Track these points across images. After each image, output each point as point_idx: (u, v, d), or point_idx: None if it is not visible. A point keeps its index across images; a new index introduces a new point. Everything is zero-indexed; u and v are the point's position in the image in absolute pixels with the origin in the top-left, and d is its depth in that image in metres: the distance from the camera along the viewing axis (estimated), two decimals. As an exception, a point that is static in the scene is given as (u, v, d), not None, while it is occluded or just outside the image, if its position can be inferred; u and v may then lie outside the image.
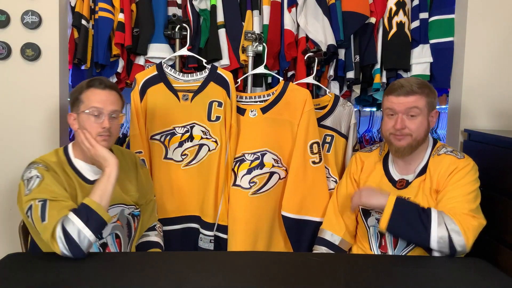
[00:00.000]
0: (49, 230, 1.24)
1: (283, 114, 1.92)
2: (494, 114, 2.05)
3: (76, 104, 1.44)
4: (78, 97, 1.44)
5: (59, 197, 1.31)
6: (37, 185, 1.32)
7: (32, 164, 1.39)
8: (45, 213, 1.27)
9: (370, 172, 1.69)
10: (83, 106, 1.42)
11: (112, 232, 1.47)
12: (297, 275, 1.25)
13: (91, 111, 1.41)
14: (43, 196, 1.29)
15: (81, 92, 1.44)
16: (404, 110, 1.55)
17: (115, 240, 1.48)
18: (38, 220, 1.27)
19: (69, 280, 1.16)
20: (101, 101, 1.42)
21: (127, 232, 1.52)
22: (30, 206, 1.30)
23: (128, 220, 1.53)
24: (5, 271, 1.21)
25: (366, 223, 1.65)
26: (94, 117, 1.41)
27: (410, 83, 1.55)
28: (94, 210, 1.28)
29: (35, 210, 1.28)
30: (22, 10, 1.89)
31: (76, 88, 1.47)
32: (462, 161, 1.52)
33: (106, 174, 1.36)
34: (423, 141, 1.58)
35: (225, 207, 1.87)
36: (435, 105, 1.60)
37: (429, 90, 1.57)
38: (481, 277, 1.27)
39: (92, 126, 1.41)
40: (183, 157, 1.88)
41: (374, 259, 1.46)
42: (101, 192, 1.32)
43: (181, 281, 1.16)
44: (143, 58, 2.07)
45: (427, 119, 1.56)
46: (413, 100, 1.54)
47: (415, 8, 2.12)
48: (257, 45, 2.01)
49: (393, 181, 1.62)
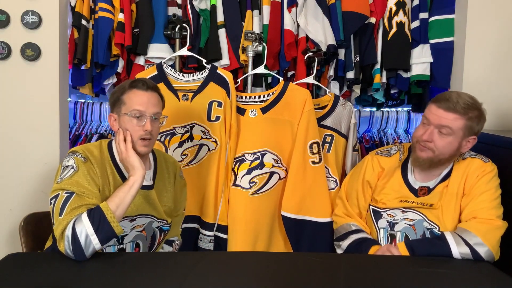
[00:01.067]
0: (61, 225, 1.24)
1: (283, 114, 1.92)
2: (494, 114, 2.05)
3: (117, 105, 1.41)
4: (119, 97, 1.40)
5: (87, 193, 1.29)
6: (69, 176, 1.30)
7: (73, 153, 1.36)
8: (65, 207, 1.26)
9: (389, 179, 1.65)
10: (125, 108, 1.39)
11: (133, 240, 1.44)
12: (297, 275, 1.24)
13: (134, 114, 1.38)
14: (72, 189, 1.28)
15: (123, 92, 1.40)
16: (437, 124, 1.49)
17: (134, 249, 1.45)
18: (57, 212, 1.26)
19: (69, 280, 1.16)
20: (143, 103, 1.39)
21: (149, 244, 1.49)
22: (57, 195, 1.29)
23: (154, 233, 1.49)
24: (5, 271, 1.20)
25: (376, 224, 1.63)
26: (136, 119, 1.38)
27: (458, 99, 1.47)
28: (107, 220, 1.25)
29: (59, 200, 1.28)
30: (22, 10, 1.89)
31: (117, 88, 1.44)
32: (489, 165, 1.53)
33: (129, 183, 1.33)
34: (447, 161, 1.53)
35: (225, 207, 1.87)
36: (477, 131, 1.50)
37: (475, 114, 1.47)
38: (484, 279, 1.27)
39: (134, 128, 1.38)
40: (183, 157, 1.88)
41: (374, 259, 1.46)
42: (119, 200, 1.30)
43: (181, 281, 1.16)
44: (143, 58, 2.07)
45: (459, 142, 1.49)
46: (450, 118, 1.46)
47: (415, 8, 2.12)
48: (257, 45, 2.01)
49: (413, 190, 1.59)
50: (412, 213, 1.57)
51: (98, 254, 1.31)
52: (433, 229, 1.53)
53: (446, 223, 1.52)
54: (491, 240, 1.40)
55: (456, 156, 1.54)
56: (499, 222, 1.44)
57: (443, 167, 1.57)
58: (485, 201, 1.47)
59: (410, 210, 1.57)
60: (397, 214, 1.59)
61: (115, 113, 1.42)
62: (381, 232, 1.61)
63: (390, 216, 1.59)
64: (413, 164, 1.59)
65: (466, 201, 1.51)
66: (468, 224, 1.46)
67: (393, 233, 1.58)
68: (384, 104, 2.42)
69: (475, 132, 1.51)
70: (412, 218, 1.56)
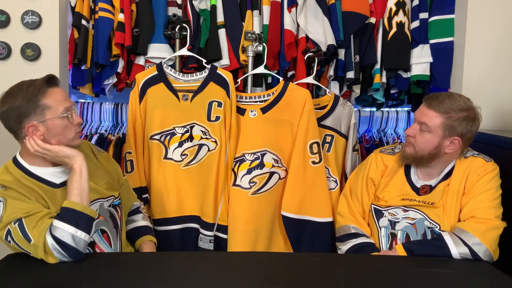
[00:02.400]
0: (40, 247, 1.20)
1: (283, 114, 1.91)
2: (494, 114, 2.05)
3: (38, 112, 1.28)
4: (38, 104, 1.28)
5: (31, 210, 1.24)
6: (3, 209, 1.23)
7: None
8: (27, 233, 1.21)
9: (392, 177, 1.66)
10: (52, 111, 1.30)
11: (97, 228, 1.40)
12: (297, 275, 1.24)
13: (66, 113, 1.32)
14: (16, 216, 1.22)
15: (41, 96, 1.29)
16: (418, 121, 1.54)
17: (102, 236, 1.43)
18: (25, 243, 1.22)
19: (69, 280, 1.16)
20: (67, 99, 1.35)
21: (113, 224, 1.47)
22: (8, 231, 1.22)
23: (111, 212, 1.47)
24: (5, 271, 1.21)
25: (377, 223, 1.63)
26: (68, 118, 1.33)
27: (445, 99, 1.50)
28: (80, 211, 1.25)
29: (15, 233, 1.22)
30: (22, 10, 1.89)
31: (24, 96, 1.28)
32: (490, 164, 1.54)
33: (77, 171, 1.30)
34: (430, 159, 1.54)
35: (225, 207, 1.87)
36: (461, 133, 1.49)
37: (460, 115, 1.48)
38: (484, 279, 1.27)
39: (68, 127, 1.34)
40: (183, 157, 1.88)
41: (374, 259, 1.46)
42: (78, 191, 1.28)
43: (181, 281, 1.16)
44: (143, 58, 2.07)
45: (438, 140, 1.51)
46: (428, 116, 1.51)
47: (415, 8, 2.12)
48: (257, 45, 2.01)
49: (415, 188, 1.61)
50: (414, 212, 1.57)
51: (98, 254, 1.31)
52: (434, 228, 1.53)
53: (446, 221, 1.52)
54: (489, 240, 1.40)
55: (439, 156, 1.54)
56: (497, 222, 1.45)
57: (446, 163, 1.57)
58: (484, 200, 1.47)
59: (411, 208, 1.58)
60: (398, 213, 1.59)
61: (35, 121, 1.28)
62: (382, 231, 1.62)
63: (391, 215, 1.60)
64: (401, 159, 1.63)
65: (466, 200, 1.51)
66: (466, 224, 1.46)
67: (394, 232, 1.58)
68: (384, 104, 2.41)
69: (459, 134, 1.50)
70: (413, 217, 1.56)
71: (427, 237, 1.53)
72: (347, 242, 1.65)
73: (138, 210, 1.67)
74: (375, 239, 1.63)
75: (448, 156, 1.55)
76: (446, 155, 1.55)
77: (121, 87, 2.19)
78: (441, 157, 1.55)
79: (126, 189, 1.64)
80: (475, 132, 1.53)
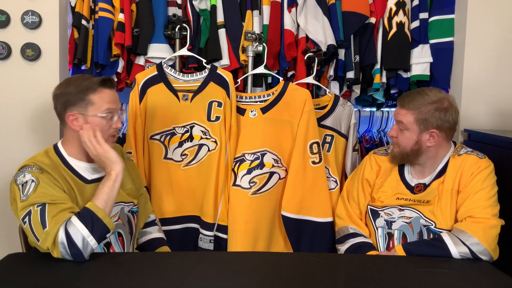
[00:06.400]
0: (51, 236, 1.21)
1: (283, 114, 1.92)
2: (494, 114, 2.05)
3: (82, 105, 1.36)
4: (84, 97, 1.36)
5: (58, 199, 1.27)
6: (33, 189, 1.26)
7: (25, 168, 1.32)
8: (45, 219, 1.23)
9: (386, 177, 1.68)
10: (94, 108, 1.36)
11: (115, 231, 1.44)
12: (297, 275, 1.25)
13: (107, 114, 1.38)
14: (42, 200, 1.25)
15: (90, 92, 1.36)
16: (396, 120, 1.60)
17: (118, 239, 1.46)
18: (39, 228, 1.23)
19: (70, 280, 1.16)
20: (113, 102, 1.40)
21: (129, 230, 1.50)
22: (29, 212, 1.25)
23: (129, 218, 1.50)
24: (5, 271, 1.21)
25: (374, 224, 1.64)
26: (106, 119, 1.38)
27: (415, 96, 1.54)
28: (100, 218, 1.26)
29: (35, 216, 1.24)
30: (22, 10, 1.89)
31: (77, 86, 1.36)
32: (484, 161, 1.53)
33: (112, 178, 1.33)
34: (417, 153, 1.56)
35: (225, 207, 1.87)
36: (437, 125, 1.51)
37: (430, 107, 1.50)
38: (484, 279, 1.27)
39: (105, 128, 1.38)
40: (183, 157, 1.88)
41: (374, 259, 1.46)
42: (106, 197, 1.30)
43: (181, 281, 1.16)
44: (143, 58, 2.07)
45: (417, 136, 1.54)
46: (402, 114, 1.56)
47: (415, 8, 2.11)
48: (257, 45, 2.01)
49: (410, 187, 1.62)
50: (409, 211, 1.58)
51: (98, 254, 1.31)
52: (430, 226, 1.53)
53: (442, 219, 1.52)
54: (488, 239, 1.40)
55: (423, 151, 1.56)
56: (495, 221, 1.44)
57: (438, 160, 1.58)
58: (480, 199, 1.47)
59: (407, 208, 1.58)
60: (394, 213, 1.60)
61: (77, 112, 1.36)
62: (379, 232, 1.62)
63: (387, 214, 1.60)
64: (392, 159, 1.66)
65: (462, 199, 1.51)
66: (463, 224, 1.46)
67: (391, 231, 1.59)
68: (384, 104, 2.42)
69: (434, 126, 1.52)
70: (409, 216, 1.57)
71: (423, 235, 1.54)
72: (345, 242, 1.65)
73: (154, 222, 1.70)
74: (372, 240, 1.64)
75: (433, 150, 1.56)
76: (431, 149, 1.56)
77: (121, 87, 2.19)
78: (426, 152, 1.57)
79: (144, 200, 1.66)
80: (452, 121, 1.54)
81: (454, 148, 1.61)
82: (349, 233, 1.66)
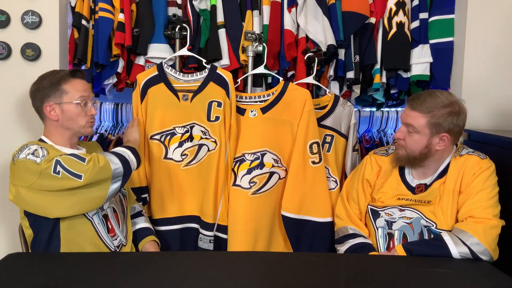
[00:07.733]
0: (101, 159, 1.37)
1: (283, 114, 1.92)
2: (494, 114, 2.05)
3: (57, 95, 1.47)
4: (58, 88, 1.47)
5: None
6: (47, 151, 1.36)
7: (25, 145, 1.41)
8: (81, 156, 1.36)
9: (387, 178, 1.67)
10: (68, 97, 1.47)
11: (110, 205, 1.54)
12: (297, 275, 1.25)
13: (81, 101, 1.49)
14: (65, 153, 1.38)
15: (63, 82, 1.47)
16: (405, 123, 1.57)
17: (113, 214, 1.54)
18: (78, 165, 1.33)
19: (69, 280, 1.16)
20: (86, 91, 1.52)
21: (121, 209, 1.60)
22: (57, 162, 1.32)
23: (120, 198, 1.62)
24: (5, 271, 1.21)
25: (374, 224, 1.64)
26: (81, 106, 1.49)
27: (426, 98, 1.51)
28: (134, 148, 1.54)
29: (66, 160, 1.34)
30: (22, 10, 1.89)
31: (50, 79, 1.48)
32: (486, 162, 1.53)
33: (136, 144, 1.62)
34: (425, 157, 1.55)
35: (225, 207, 1.87)
36: (448, 129, 1.50)
37: (443, 111, 1.49)
38: (484, 279, 1.27)
39: (81, 115, 1.50)
40: (183, 157, 1.88)
41: (374, 259, 1.46)
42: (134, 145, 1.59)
43: (181, 281, 1.16)
44: (143, 58, 2.07)
45: (427, 139, 1.52)
46: (413, 117, 1.53)
47: (415, 8, 2.11)
48: (257, 45, 2.01)
49: (410, 187, 1.61)
50: (410, 211, 1.57)
51: (97, 254, 1.32)
52: (430, 226, 1.53)
53: (443, 219, 1.52)
54: (488, 239, 1.40)
55: (431, 154, 1.55)
56: (495, 221, 1.44)
57: (440, 161, 1.58)
58: (481, 200, 1.47)
59: (407, 208, 1.58)
60: (395, 213, 1.59)
61: (52, 102, 1.47)
62: (379, 232, 1.62)
63: (388, 215, 1.60)
64: (396, 161, 1.64)
65: (463, 199, 1.51)
66: (464, 224, 1.46)
67: (391, 232, 1.59)
68: (384, 104, 2.42)
69: (446, 130, 1.51)
70: (410, 216, 1.57)
71: (424, 236, 1.54)
72: (345, 243, 1.65)
73: (141, 213, 1.75)
74: (372, 240, 1.64)
75: (440, 153, 1.56)
76: (438, 153, 1.56)
77: (121, 87, 2.19)
78: (433, 155, 1.56)
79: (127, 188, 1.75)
80: (462, 125, 1.54)
81: (455, 148, 1.61)
82: (349, 233, 1.66)
